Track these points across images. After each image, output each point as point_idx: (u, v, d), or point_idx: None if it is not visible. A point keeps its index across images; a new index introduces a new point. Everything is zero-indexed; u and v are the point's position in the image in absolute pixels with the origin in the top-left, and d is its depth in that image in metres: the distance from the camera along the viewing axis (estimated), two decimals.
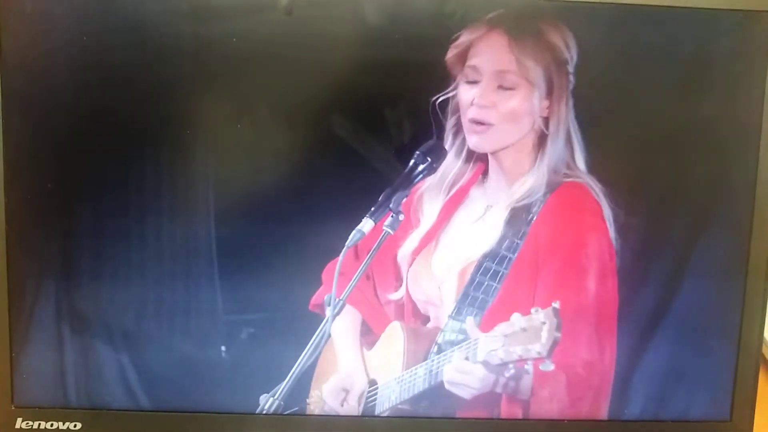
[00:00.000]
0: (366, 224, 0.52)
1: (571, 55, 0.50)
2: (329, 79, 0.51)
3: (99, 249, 0.53)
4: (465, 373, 0.52)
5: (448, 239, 0.54)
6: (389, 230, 0.52)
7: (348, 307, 0.55)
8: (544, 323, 0.50)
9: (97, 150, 0.51)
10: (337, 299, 0.53)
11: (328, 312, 0.53)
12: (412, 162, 0.52)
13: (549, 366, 0.50)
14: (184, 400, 0.54)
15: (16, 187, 0.51)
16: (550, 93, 0.50)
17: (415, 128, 0.51)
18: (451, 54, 0.50)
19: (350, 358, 0.56)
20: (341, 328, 0.55)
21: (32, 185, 0.51)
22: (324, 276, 0.53)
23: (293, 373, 0.53)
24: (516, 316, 0.51)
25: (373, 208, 0.52)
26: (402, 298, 0.55)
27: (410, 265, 0.55)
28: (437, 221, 0.54)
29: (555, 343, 0.50)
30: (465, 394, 0.53)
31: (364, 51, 0.50)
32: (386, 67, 0.50)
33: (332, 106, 0.51)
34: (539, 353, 0.50)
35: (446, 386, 0.53)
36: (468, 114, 0.51)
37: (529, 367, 0.51)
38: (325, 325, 0.53)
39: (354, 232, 0.52)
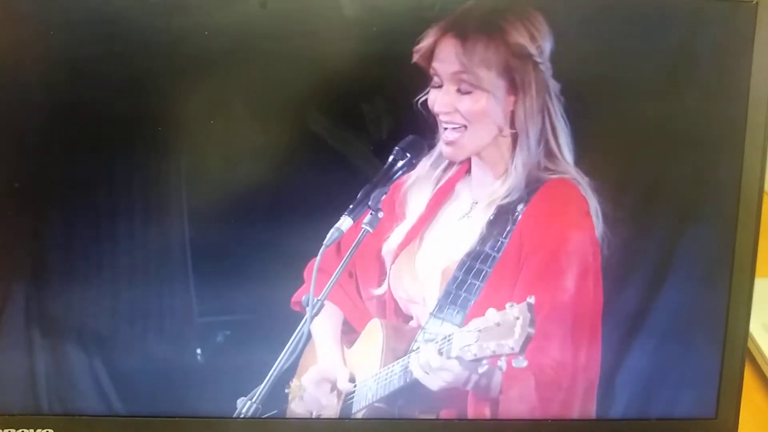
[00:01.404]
0: (344, 222, 0.51)
1: (540, 48, 0.49)
2: (305, 74, 0.50)
3: (69, 250, 0.51)
4: (438, 369, 0.51)
5: (432, 237, 0.54)
6: (368, 228, 0.52)
7: (330, 306, 0.54)
8: (517, 318, 0.49)
9: (66, 148, 0.50)
10: (315, 299, 0.52)
11: (308, 312, 0.52)
12: (391, 158, 0.51)
13: (522, 362, 0.49)
14: (160, 404, 0.53)
15: None
16: (513, 90, 0.50)
17: (394, 123, 0.50)
18: (416, 57, 0.49)
19: (330, 358, 0.55)
20: (322, 327, 0.54)
21: None
22: (306, 274, 0.52)
23: (271, 375, 0.52)
24: (491, 311, 0.50)
25: (351, 206, 0.51)
26: (384, 293, 0.54)
27: (394, 261, 0.54)
28: (423, 216, 0.53)
29: (528, 339, 0.49)
30: (437, 390, 0.52)
31: (340, 44, 0.49)
32: (364, 61, 0.49)
33: (309, 102, 0.50)
34: (512, 349, 0.49)
35: (420, 382, 0.52)
36: (439, 117, 0.50)
37: (502, 363, 0.50)
38: (303, 325, 0.52)
39: (332, 230, 0.51)
